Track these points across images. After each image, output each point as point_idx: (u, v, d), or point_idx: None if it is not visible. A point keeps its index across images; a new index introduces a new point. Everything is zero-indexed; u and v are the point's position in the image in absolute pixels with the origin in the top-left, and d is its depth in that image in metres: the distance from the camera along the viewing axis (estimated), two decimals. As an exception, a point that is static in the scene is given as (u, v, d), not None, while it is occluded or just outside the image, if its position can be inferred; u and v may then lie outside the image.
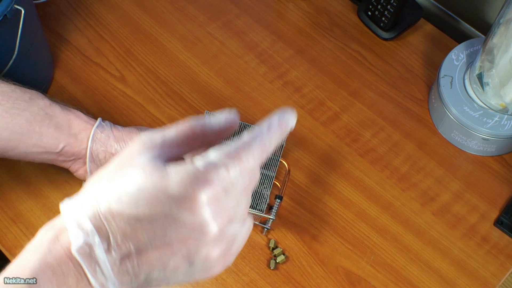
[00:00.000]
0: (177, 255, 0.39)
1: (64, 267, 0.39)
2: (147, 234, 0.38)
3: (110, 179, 0.39)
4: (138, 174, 0.38)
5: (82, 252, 0.38)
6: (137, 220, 0.38)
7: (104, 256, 0.38)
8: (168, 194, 0.38)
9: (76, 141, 0.66)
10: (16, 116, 0.62)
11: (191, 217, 0.38)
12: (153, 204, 0.38)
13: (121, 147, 0.66)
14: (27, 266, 0.39)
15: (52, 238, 0.40)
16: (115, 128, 0.68)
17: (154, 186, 0.38)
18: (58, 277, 0.38)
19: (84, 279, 0.39)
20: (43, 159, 0.66)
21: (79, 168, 0.69)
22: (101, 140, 0.66)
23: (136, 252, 0.38)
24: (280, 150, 0.70)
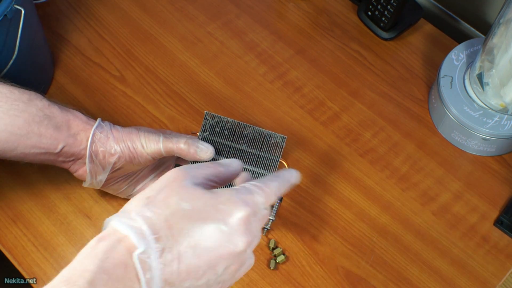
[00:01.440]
0: (213, 262, 0.46)
1: (119, 272, 0.43)
2: (195, 241, 0.45)
3: (160, 200, 0.46)
4: (192, 193, 0.47)
5: (141, 258, 0.43)
6: (189, 230, 0.45)
7: (157, 265, 0.43)
8: (217, 208, 0.46)
9: (76, 141, 0.66)
10: (14, 117, 0.62)
11: (229, 229, 0.46)
12: (203, 214, 0.46)
13: (120, 148, 0.67)
14: (86, 269, 0.42)
15: (108, 247, 0.44)
16: (115, 128, 0.68)
17: (207, 200, 0.47)
18: (113, 282, 0.42)
19: (135, 284, 0.43)
20: (42, 160, 0.66)
21: (79, 169, 0.69)
22: (100, 140, 0.66)
23: (181, 258, 0.45)
24: (280, 150, 0.70)
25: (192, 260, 0.45)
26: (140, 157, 0.67)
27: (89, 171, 0.67)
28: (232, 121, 0.70)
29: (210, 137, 0.70)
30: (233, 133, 0.70)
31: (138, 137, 0.67)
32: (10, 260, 0.73)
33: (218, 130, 0.70)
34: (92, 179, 0.68)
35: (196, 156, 0.67)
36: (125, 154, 0.67)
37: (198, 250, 0.45)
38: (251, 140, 0.70)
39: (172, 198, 0.46)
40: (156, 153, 0.67)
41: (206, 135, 0.70)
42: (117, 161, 0.67)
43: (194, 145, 0.67)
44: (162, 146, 0.67)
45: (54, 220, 0.75)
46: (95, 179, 0.68)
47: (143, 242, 0.44)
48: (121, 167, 0.68)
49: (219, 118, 0.70)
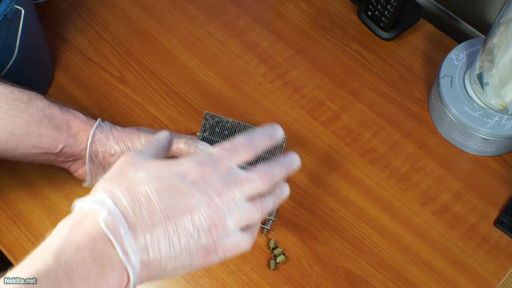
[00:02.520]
0: (185, 222, 0.46)
1: (88, 243, 0.44)
2: (159, 202, 0.46)
3: (117, 175, 0.48)
4: (144, 164, 0.49)
5: (107, 221, 0.44)
6: (148, 194, 0.46)
7: (125, 225, 0.45)
8: (171, 170, 0.48)
9: (76, 141, 0.66)
10: (14, 117, 0.62)
11: (190, 186, 0.47)
12: (161, 178, 0.47)
13: (120, 148, 0.67)
14: (51, 243, 0.43)
15: (73, 223, 0.45)
16: (115, 128, 0.68)
17: (159, 168, 0.48)
18: (82, 251, 0.43)
19: (110, 249, 0.44)
20: (43, 160, 0.66)
21: (79, 169, 0.69)
22: (100, 140, 0.67)
23: (151, 224, 0.45)
24: (280, 150, 0.70)
25: (163, 222, 0.46)
26: None
27: (89, 171, 0.67)
28: (232, 121, 0.70)
29: (210, 137, 0.70)
30: (233, 133, 0.70)
31: (138, 138, 0.67)
32: (10, 260, 0.73)
33: (218, 130, 0.70)
34: (92, 179, 0.68)
35: None
36: None
37: (165, 211, 0.46)
38: None
39: (128, 171, 0.48)
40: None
41: (206, 135, 0.70)
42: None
43: (194, 145, 0.67)
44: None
45: (54, 220, 0.75)
46: (95, 179, 0.68)
47: (105, 207, 0.45)
48: None
49: (219, 118, 0.70)
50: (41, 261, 0.42)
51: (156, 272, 0.47)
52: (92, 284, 0.43)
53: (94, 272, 0.43)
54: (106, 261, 0.44)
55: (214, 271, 0.72)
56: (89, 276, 0.43)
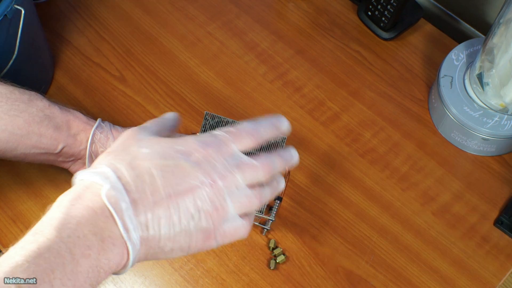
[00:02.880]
0: (186, 202, 0.46)
1: (89, 216, 0.43)
2: (162, 180, 0.45)
3: (120, 149, 0.48)
4: (148, 140, 0.49)
5: (109, 195, 0.44)
6: (152, 172, 0.45)
7: (127, 200, 0.44)
8: (175, 149, 0.47)
9: (76, 141, 0.66)
10: (15, 117, 0.62)
11: (193, 166, 0.47)
12: (165, 156, 0.47)
13: None
14: (52, 217, 0.43)
15: (74, 197, 0.44)
16: (114, 128, 0.68)
17: (163, 145, 0.48)
18: (83, 225, 0.42)
19: (110, 225, 0.43)
20: (43, 160, 0.66)
21: (79, 169, 0.69)
22: (100, 141, 0.67)
23: (153, 202, 0.45)
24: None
25: (164, 200, 0.45)
26: None
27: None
28: (232, 121, 0.70)
29: None
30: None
31: None
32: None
33: None
34: None
35: None
36: None
37: (167, 189, 0.46)
38: None
39: (132, 147, 0.48)
40: None
41: None
42: None
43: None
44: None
45: (54, 220, 0.75)
46: None
47: (108, 181, 0.44)
48: None
49: (219, 118, 0.70)
50: (43, 236, 0.42)
51: (154, 251, 0.46)
52: (93, 259, 0.42)
53: (94, 248, 0.43)
54: (106, 236, 0.43)
55: (214, 271, 0.72)
56: (90, 251, 0.42)
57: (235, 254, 0.74)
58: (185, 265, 0.73)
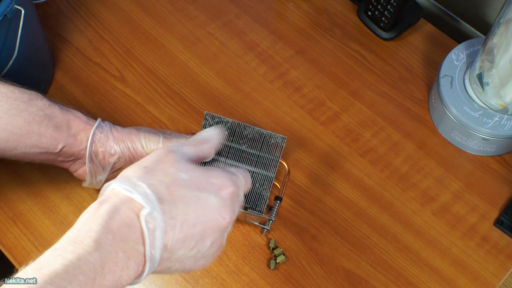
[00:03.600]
0: (205, 233, 0.49)
1: (124, 233, 0.45)
2: (193, 209, 0.48)
3: (158, 168, 0.50)
4: (185, 166, 0.51)
5: (147, 219, 0.46)
6: (187, 201, 0.48)
7: (161, 228, 0.46)
8: (210, 182, 0.51)
9: (76, 141, 0.66)
10: (15, 116, 0.62)
11: (223, 203, 0.50)
12: (200, 188, 0.50)
13: (120, 148, 0.67)
14: (91, 229, 0.44)
15: (112, 208, 0.46)
16: (115, 128, 0.68)
17: (199, 174, 0.51)
18: (118, 242, 0.44)
19: (139, 245, 0.46)
20: (43, 159, 0.66)
21: (79, 168, 0.69)
22: (100, 140, 0.67)
23: (180, 229, 0.48)
24: (280, 151, 0.70)
25: (189, 228, 0.48)
26: (140, 157, 0.67)
27: (88, 171, 0.67)
28: (232, 122, 0.70)
29: None
30: (233, 133, 0.70)
31: (138, 138, 0.67)
32: (10, 260, 0.73)
33: None
34: (92, 179, 0.68)
35: None
36: (125, 155, 0.67)
37: (194, 219, 0.49)
38: (251, 140, 0.70)
39: (170, 168, 0.50)
40: None
41: None
42: (117, 161, 0.67)
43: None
44: (161, 147, 0.67)
45: (54, 220, 0.75)
46: (95, 179, 0.68)
47: (149, 204, 0.46)
48: (121, 167, 0.68)
49: (219, 119, 0.70)
50: (82, 247, 0.43)
51: (161, 269, 0.49)
52: (117, 275, 0.44)
53: (120, 264, 0.45)
54: (132, 254, 0.45)
55: (214, 271, 0.72)
56: (116, 268, 0.44)
57: (235, 254, 0.73)
58: (185, 265, 0.73)
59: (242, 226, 0.75)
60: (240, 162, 0.69)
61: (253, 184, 0.68)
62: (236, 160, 0.69)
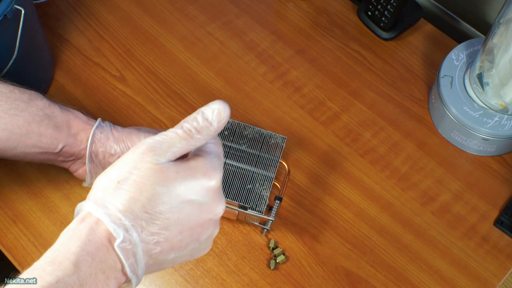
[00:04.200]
0: (193, 236, 0.48)
1: (102, 255, 0.44)
2: (175, 221, 0.46)
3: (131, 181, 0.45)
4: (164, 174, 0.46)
5: (122, 246, 0.44)
6: (167, 212, 0.45)
7: (140, 250, 0.45)
8: (193, 185, 0.47)
9: (76, 141, 0.66)
10: (15, 116, 0.62)
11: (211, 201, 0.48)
12: (180, 196, 0.46)
13: (120, 148, 0.67)
14: (69, 251, 0.44)
15: (89, 229, 0.45)
16: (115, 128, 0.68)
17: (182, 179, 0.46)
18: (97, 263, 0.44)
19: (118, 264, 0.45)
20: (43, 159, 0.66)
21: (79, 168, 0.69)
22: (100, 140, 0.66)
23: (164, 238, 0.46)
24: (280, 151, 0.70)
25: (175, 237, 0.46)
26: None
27: (89, 171, 0.67)
28: (232, 122, 0.70)
29: None
30: (233, 133, 0.70)
31: (138, 138, 0.67)
32: (10, 260, 0.73)
33: None
34: (92, 179, 0.68)
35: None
36: None
37: (179, 227, 0.46)
38: (251, 140, 0.70)
39: (145, 182, 0.45)
40: None
41: None
42: None
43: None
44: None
45: (54, 220, 0.75)
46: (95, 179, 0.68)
47: (121, 231, 0.44)
48: None
49: None
50: (61, 270, 0.43)
51: (151, 271, 0.48)
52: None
53: (100, 284, 0.44)
54: (112, 274, 0.45)
55: (214, 271, 0.72)
56: (96, 287, 0.44)
57: (235, 254, 0.73)
58: (185, 265, 0.73)
59: (242, 226, 0.75)
60: (240, 162, 0.69)
61: (253, 184, 0.68)
62: (236, 160, 0.69)
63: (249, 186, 0.68)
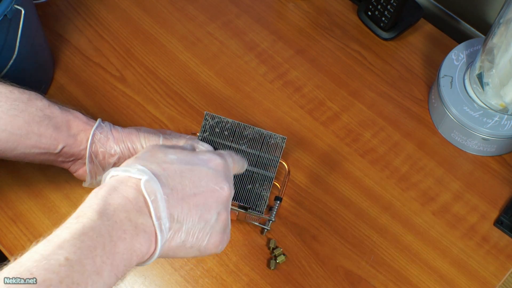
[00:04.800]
0: (208, 203, 0.53)
1: (126, 205, 0.48)
2: (189, 180, 0.52)
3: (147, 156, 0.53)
4: (173, 150, 0.55)
5: (146, 185, 0.49)
6: (180, 173, 0.52)
7: (161, 194, 0.49)
8: (198, 157, 0.55)
9: (75, 142, 0.66)
10: (14, 117, 0.62)
11: (215, 173, 0.54)
12: (190, 162, 0.54)
13: (120, 149, 0.67)
14: (93, 204, 0.47)
15: (109, 189, 0.49)
16: (115, 129, 0.68)
17: (187, 154, 0.55)
18: (120, 212, 0.47)
19: (144, 215, 0.49)
20: (42, 160, 0.66)
21: (79, 169, 0.69)
22: (100, 141, 0.67)
23: (181, 198, 0.51)
24: (280, 151, 0.70)
25: (190, 198, 0.52)
26: None
27: (88, 171, 0.67)
28: (232, 122, 0.70)
29: (210, 137, 0.69)
30: (233, 133, 0.70)
31: (138, 138, 0.67)
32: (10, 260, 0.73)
33: (218, 130, 0.70)
34: (92, 179, 0.68)
35: None
36: (125, 155, 0.67)
37: (192, 189, 0.52)
38: (251, 140, 0.70)
39: (158, 154, 0.54)
40: None
41: (206, 135, 0.70)
42: (116, 161, 0.67)
43: (194, 146, 0.67)
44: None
45: (54, 220, 0.75)
46: (95, 179, 0.68)
47: (145, 174, 0.49)
48: None
49: (219, 119, 0.70)
50: (86, 217, 0.46)
51: (176, 245, 0.51)
52: (127, 242, 0.47)
53: (129, 232, 0.47)
54: (140, 223, 0.48)
55: (214, 271, 0.72)
56: (125, 235, 0.47)
57: (235, 254, 0.74)
58: (185, 265, 0.73)
59: (242, 226, 0.75)
60: None
61: (253, 184, 0.68)
62: None
63: (249, 186, 0.68)
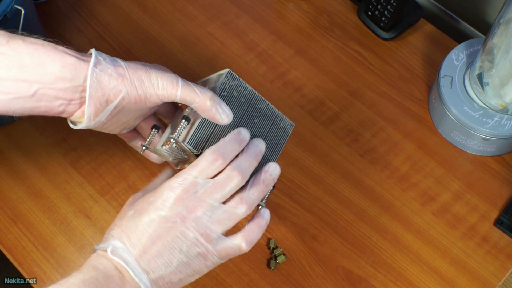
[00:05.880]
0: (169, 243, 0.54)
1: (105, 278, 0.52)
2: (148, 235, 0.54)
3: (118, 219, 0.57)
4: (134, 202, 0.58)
5: (113, 252, 0.54)
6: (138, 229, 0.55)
7: (131, 256, 0.53)
8: (149, 201, 0.56)
9: (57, 79, 0.55)
10: None
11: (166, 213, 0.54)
12: (141, 213, 0.55)
13: (126, 88, 0.57)
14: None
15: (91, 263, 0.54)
16: (117, 63, 0.58)
17: (140, 203, 0.57)
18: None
19: (123, 279, 0.53)
20: (19, 108, 0.55)
21: (74, 111, 0.58)
22: (99, 78, 0.56)
23: (147, 251, 0.54)
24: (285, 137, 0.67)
25: (147, 243, 0.53)
26: (149, 100, 0.58)
27: (87, 115, 0.57)
28: (250, 89, 0.63)
29: (227, 99, 0.62)
30: (248, 103, 0.64)
31: (149, 76, 0.57)
32: (10, 260, 0.73)
33: (236, 94, 0.63)
34: (90, 121, 0.58)
35: (215, 118, 0.59)
36: (130, 95, 0.57)
37: (151, 238, 0.54)
38: (263, 116, 0.65)
39: (123, 212, 0.58)
40: (168, 98, 0.58)
41: (224, 95, 0.62)
42: (119, 103, 0.57)
43: (217, 105, 0.59)
44: (180, 93, 0.58)
45: (54, 220, 0.75)
46: (93, 121, 0.58)
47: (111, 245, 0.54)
48: (121, 110, 0.58)
49: (239, 82, 0.63)
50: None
51: (165, 286, 0.54)
52: None
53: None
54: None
55: (214, 271, 0.72)
56: None
57: (235, 254, 0.73)
58: (185, 265, 0.73)
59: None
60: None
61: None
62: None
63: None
